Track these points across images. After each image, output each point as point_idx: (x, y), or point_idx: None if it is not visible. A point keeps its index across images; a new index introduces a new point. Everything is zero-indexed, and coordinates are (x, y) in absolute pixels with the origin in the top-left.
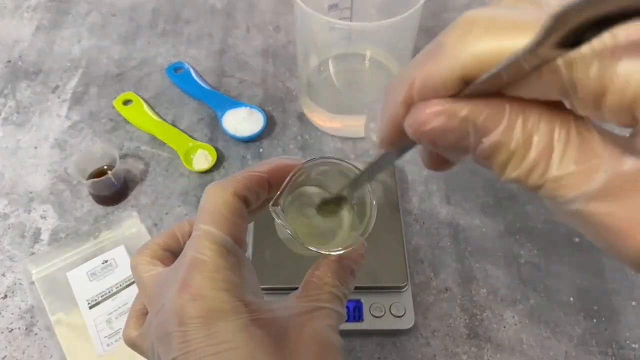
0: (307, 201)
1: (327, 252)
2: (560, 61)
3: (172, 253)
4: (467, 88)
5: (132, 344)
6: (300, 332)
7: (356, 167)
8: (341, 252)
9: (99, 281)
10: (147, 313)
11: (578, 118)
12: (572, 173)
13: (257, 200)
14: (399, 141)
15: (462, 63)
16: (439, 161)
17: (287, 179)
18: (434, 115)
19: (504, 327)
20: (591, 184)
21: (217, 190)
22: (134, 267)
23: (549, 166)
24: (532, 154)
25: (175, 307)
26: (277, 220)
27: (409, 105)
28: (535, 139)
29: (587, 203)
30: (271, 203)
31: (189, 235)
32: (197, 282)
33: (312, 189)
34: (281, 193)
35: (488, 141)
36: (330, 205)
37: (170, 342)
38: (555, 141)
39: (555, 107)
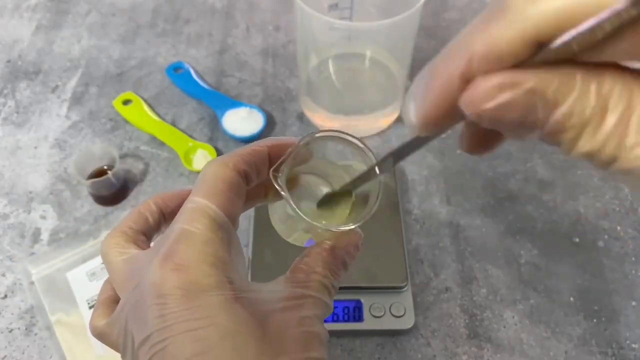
0: (307, 192)
1: (325, 227)
2: None
3: (145, 235)
4: (540, 53)
5: (100, 334)
6: (286, 318)
7: (367, 148)
8: (345, 228)
9: (99, 281)
10: (116, 301)
11: None
12: None
13: (257, 176)
14: (446, 122)
15: (535, 22)
16: (481, 143)
17: (291, 148)
18: (497, 89)
19: (504, 327)
20: None
21: (217, 165)
22: (104, 251)
23: (627, 132)
24: (609, 120)
25: (155, 278)
26: (276, 186)
27: (466, 79)
28: (612, 102)
29: None
30: (272, 169)
31: (159, 214)
32: (182, 253)
33: (312, 179)
34: (283, 161)
35: (560, 113)
36: (332, 198)
37: (146, 317)
38: (635, 104)
39: (628, 69)
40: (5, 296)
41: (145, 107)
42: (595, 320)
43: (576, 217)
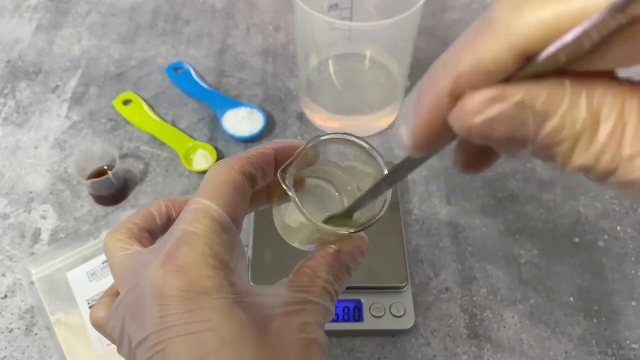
0: (312, 195)
1: (331, 229)
2: None
3: (150, 233)
4: (527, 66)
5: (97, 325)
6: (286, 324)
7: (375, 151)
8: (353, 231)
9: (99, 281)
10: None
11: None
12: None
13: (263, 178)
14: (438, 142)
15: (521, 35)
16: (474, 162)
17: (299, 150)
18: (486, 103)
19: (504, 327)
20: None
21: (222, 167)
22: (107, 246)
23: (622, 144)
24: (602, 131)
25: (156, 279)
26: (284, 187)
27: (455, 97)
28: (604, 113)
29: None
30: (280, 169)
31: (167, 217)
32: (183, 254)
33: (317, 182)
34: (291, 162)
35: (550, 125)
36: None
37: (145, 317)
38: (627, 114)
39: (617, 78)
40: (5, 296)
41: (145, 107)
42: (595, 320)
43: (576, 217)
